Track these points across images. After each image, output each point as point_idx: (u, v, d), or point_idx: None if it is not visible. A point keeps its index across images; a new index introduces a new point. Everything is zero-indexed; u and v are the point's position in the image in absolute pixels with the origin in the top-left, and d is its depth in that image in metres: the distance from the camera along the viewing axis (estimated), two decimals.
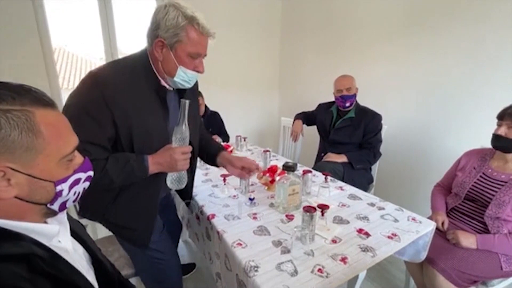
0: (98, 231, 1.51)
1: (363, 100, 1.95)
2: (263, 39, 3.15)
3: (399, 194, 2.14)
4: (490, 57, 1.59)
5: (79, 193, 0.49)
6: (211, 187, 1.35)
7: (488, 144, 1.40)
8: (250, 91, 3.22)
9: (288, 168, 1.05)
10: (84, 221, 0.81)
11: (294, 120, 2.18)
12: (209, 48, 0.90)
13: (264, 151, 1.61)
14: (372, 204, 1.18)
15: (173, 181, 0.92)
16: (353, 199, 1.24)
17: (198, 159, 1.22)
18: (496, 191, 1.13)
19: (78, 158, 0.48)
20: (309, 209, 0.87)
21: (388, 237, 0.93)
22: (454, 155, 1.81)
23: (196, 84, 1.04)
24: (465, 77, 1.71)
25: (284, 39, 3.26)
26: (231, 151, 1.80)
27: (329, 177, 1.30)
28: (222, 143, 2.06)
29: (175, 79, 0.88)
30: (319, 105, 2.20)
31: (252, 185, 1.34)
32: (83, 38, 2.45)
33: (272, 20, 3.18)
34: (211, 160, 1.19)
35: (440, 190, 1.42)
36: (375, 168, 1.97)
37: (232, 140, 2.32)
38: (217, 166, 1.19)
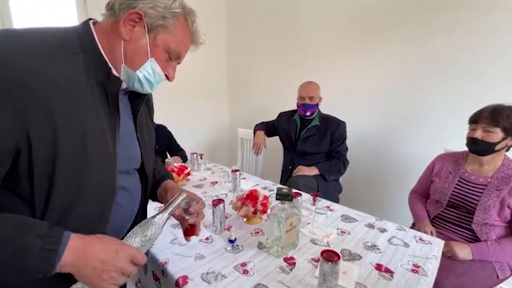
0: None
1: (320, 107, 1.86)
2: (208, 42, 2.86)
3: (364, 200, 2.13)
4: (439, 63, 1.68)
5: None
6: (172, 229, 0.99)
7: (451, 147, 1.46)
8: (197, 101, 2.88)
9: (284, 196, 0.80)
10: None
11: (255, 131, 1.96)
12: None
13: (232, 170, 1.32)
14: (371, 226, 1.03)
15: None
16: (348, 221, 1.07)
17: None
18: (478, 196, 1.11)
19: None
20: (330, 256, 0.64)
21: (412, 270, 0.77)
22: (414, 158, 1.87)
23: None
24: (418, 82, 1.78)
25: (231, 43, 3.05)
26: (188, 174, 1.45)
27: (317, 198, 1.11)
28: (182, 163, 1.69)
29: (138, 73, 0.57)
30: (280, 114, 2.04)
31: (226, 217, 1.04)
32: None
33: (218, 22, 2.94)
34: (151, 193, 0.79)
35: (417, 197, 1.39)
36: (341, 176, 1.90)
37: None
38: (159, 201, 0.80)
